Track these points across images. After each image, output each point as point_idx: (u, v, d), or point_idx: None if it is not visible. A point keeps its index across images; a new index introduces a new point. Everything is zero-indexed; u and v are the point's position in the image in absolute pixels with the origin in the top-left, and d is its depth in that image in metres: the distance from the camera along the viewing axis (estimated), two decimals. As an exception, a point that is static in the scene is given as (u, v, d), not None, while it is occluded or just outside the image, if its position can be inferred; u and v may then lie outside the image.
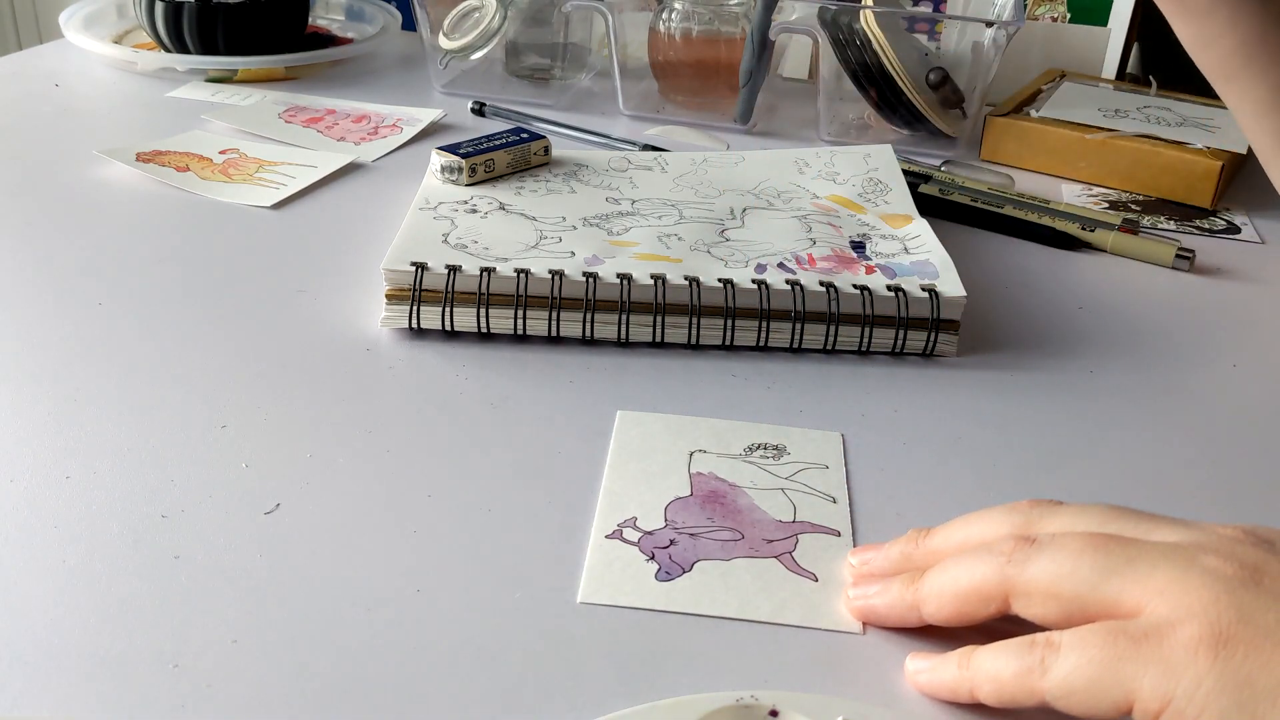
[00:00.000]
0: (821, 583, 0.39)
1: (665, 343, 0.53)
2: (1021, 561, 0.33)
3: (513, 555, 0.40)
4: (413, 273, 0.52)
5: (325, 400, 0.48)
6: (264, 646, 0.35)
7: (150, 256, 0.60)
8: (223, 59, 0.87)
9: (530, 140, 0.66)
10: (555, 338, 0.53)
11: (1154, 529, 0.34)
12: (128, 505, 0.41)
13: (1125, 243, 0.66)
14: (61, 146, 0.74)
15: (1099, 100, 0.82)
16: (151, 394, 0.48)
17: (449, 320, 0.52)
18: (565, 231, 0.58)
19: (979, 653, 0.33)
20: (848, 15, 0.77)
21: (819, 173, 0.67)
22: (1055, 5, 0.89)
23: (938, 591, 0.35)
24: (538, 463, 0.45)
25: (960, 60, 0.82)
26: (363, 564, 0.39)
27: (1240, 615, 0.30)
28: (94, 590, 0.37)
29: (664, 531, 0.41)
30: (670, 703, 0.33)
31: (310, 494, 0.42)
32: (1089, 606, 0.32)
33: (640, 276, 0.53)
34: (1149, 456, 0.47)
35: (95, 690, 0.33)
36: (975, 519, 0.37)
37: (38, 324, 0.53)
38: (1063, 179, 0.77)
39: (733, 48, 0.82)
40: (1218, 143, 0.74)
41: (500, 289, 0.52)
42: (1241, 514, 0.42)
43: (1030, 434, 0.48)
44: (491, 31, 0.86)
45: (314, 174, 0.71)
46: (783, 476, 0.45)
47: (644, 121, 0.83)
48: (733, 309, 0.53)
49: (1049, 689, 0.31)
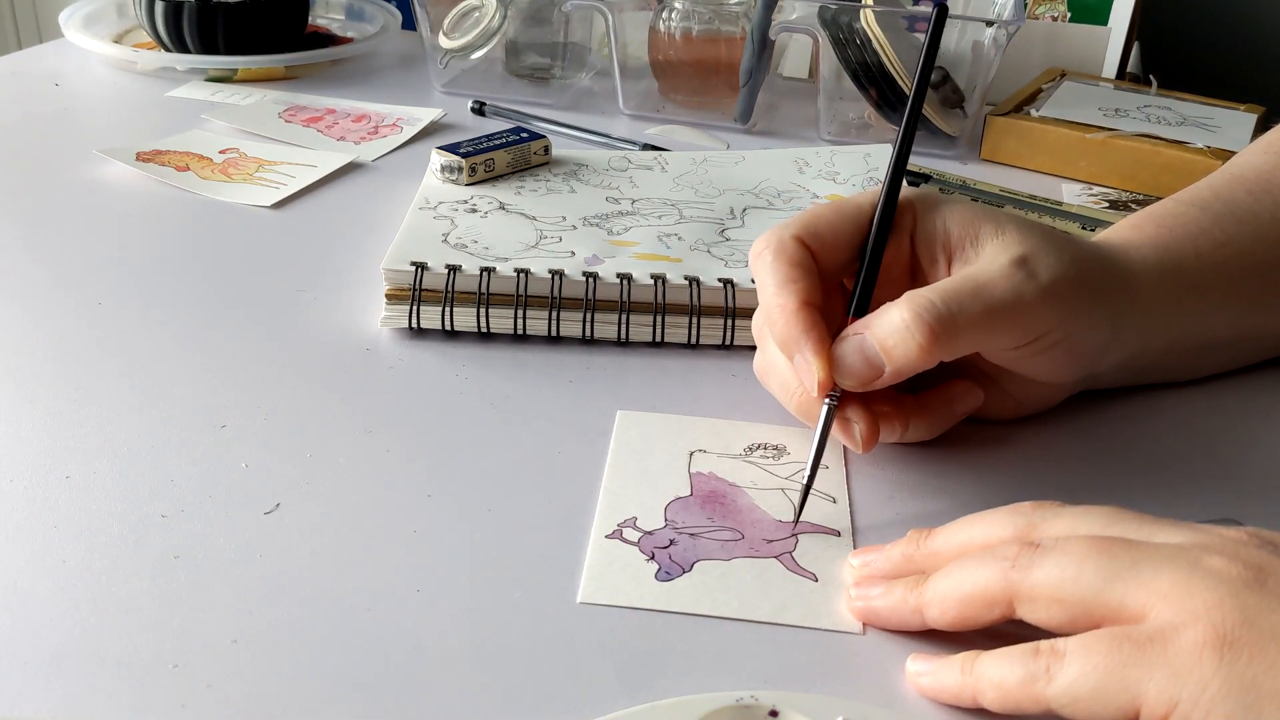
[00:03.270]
0: (821, 583, 0.39)
1: (665, 343, 0.53)
2: (1026, 566, 0.33)
3: (513, 555, 0.40)
4: (412, 272, 0.52)
5: (325, 400, 0.48)
6: (264, 646, 0.35)
7: (150, 256, 0.60)
8: (223, 59, 0.87)
9: (530, 140, 0.66)
10: (555, 338, 0.53)
11: (1157, 531, 0.34)
12: (128, 505, 0.41)
13: (1125, 242, 0.66)
14: (61, 146, 0.74)
15: (1099, 100, 0.82)
16: (151, 394, 0.48)
17: (449, 320, 0.52)
18: (565, 231, 0.58)
19: (982, 659, 0.33)
20: (848, 15, 0.77)
21: (819, 172, 0.67)
22: (1055, 5, 0.89)
23: (941, 596, 0.35)
24: (538, 463, 0.45)
25: (960, 60, 0.82)
26: (363, 564, 0.39)
27: (1245, 618, 0.29)
28: (94, 590, 0.37)
29: (664, 531, 0.41)
30: (670, 703, 0.33)
31: (310, 494, 0.42)
32: (1094, 611, 0.32)
33: (640, 276, 0.53)
34: (1150, 457, 0.47)
35: (95, 690, 0.33)
36: (977, 520, 0.37)
37: (38, 324, 0.53)
38: (1063, 179, 0.76)
39: (733, 47, 0.82)
40: (1218, 142, 0.74)
41: (500, 289, 0.52)
42: (1243, 515, 0.42)
43: (1031, 434, 0.48)
44: (491, 31, 0.86)
45: (314, 173, 0.71)
46: (783, 476, 0.45)
47: (644, 121, 0.83)
48: (733, 309, 0.53)
49: (1054, 696, 0.31)
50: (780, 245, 0.44)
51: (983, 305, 0.42)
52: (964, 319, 0.42)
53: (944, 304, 0.42)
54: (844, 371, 0.42)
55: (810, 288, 0.44)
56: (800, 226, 0.45)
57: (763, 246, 0.45)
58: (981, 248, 0.44)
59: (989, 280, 0.43)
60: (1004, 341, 0.44)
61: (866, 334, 0.42)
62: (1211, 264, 0.49)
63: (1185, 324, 0.49)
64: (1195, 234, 0.49)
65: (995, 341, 0.44)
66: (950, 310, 0.41)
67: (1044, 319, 0.43)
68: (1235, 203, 0.51)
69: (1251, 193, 0.51)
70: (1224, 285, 0.49)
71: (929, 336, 0.41)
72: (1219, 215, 0.50)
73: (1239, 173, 0.53)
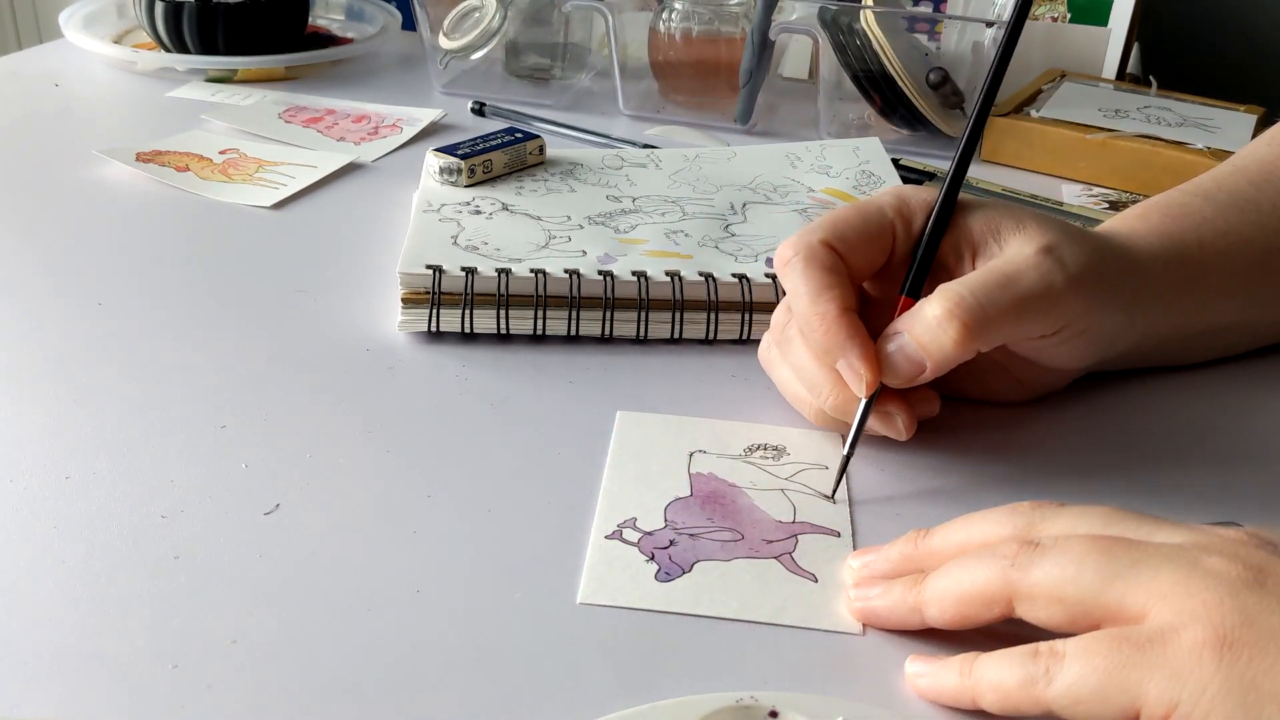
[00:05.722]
0: (821, 583, 0.39)
1: (663, 340, 0.53)
2: (1025, 565, 0.33)
3: (513, 555, 0.40)
4: (429, 276, 0.52)
5: (325, 400, 0.48)
6: (264, 646, 0.35)
7: (150, 256, 0.60)
8: (223, 59, 0.87)
9: (525, 140, 0.66)
10: (555, 337, 0.53)
11: (1157, 531, 0.34)
12: (128, 505, 0.41)
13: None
14: (61, 146, 0.74)
15: (1099, 100, 0.82)
16: (151, 394, 0.48)
17: (468, 323, 0.52)
18: (573, 230, 0.58)
19: (981, 661, 0.33)
20: (848, 15, 0.77)
21: (811, 166, 0.68)
22: (1055, 5, 0.89)
23: (940, 595, 0.35)
24: (537, 463, 0.45)
25: (960, 60, 0.82)
26: (363, 564, 0.39)
27: (1244, 618, 0.29)
28: (94, 590, 0.37)
29: (664, 532, 0.41)
30: (670, 703, 0.33)
31: (310, 494, 0.42)
32: (1093, 611, 0.32)
33: (655, 274, 0.53)
34: (1150, 457, 0.47)
35: (95, 690, 0.33)
36: (976, 520, 0.37)
37: (38, 324, 0.53)
38: (1063, 179, 0.76)
39: (733, 48, 0.82)
40: (1218, 143, 0.74)
41: (517, 290, 0.52)
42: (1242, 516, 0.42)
43: (1031, 435, 0.48)
44: (491, 31, 0.86)
45: (314, 174, 0.71)
46: (782, 477, 0.45)
47: (644, 121, 0.83)
48: (749, 303, 0.53)
49: (1054, 698, 0.31)
50: (810, 251, 0.45)
51: (1013, 295, 0.43)
52: (995, 310, 0.43)
53: (973, 297, 0.42)
54: (891, 372, 0.44)
55: (846, 294, 0.44)
56: (827, 231, 0.45)
57: (791, 253, 0.45)
58: (1005, 242, 0.45)
59: (1017, 271, 0.43)
60: (1033, 330, 0.45)
61: (906, 334, 0.43)
62: (1214, 253, 0.49)
63: (1188, 311, 0.49)
64: (1198, 223, 0.50)
65: (1025, 330, 0.44)
66: (980, 302, 0.42)
67: (1071, 307, 0.44)
68: (1238, 193, 0.52)
69: (1254, 183, 0.52)
70: (1226, 274, 0.50)
71: (962, 330, 0.42)
72: (1222, 205, 0.51)
73: (1243, 164, 0.54)
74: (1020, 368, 0.48)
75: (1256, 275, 0.50)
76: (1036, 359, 0.47)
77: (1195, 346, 0.52)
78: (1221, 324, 0.51)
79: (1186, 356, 0.52)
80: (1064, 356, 0.47)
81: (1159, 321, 0.49)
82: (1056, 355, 0.46)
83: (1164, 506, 0.40)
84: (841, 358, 0.43)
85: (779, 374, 0.48)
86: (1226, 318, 0.51)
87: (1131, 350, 0.49)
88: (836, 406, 0.45)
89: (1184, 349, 0.52)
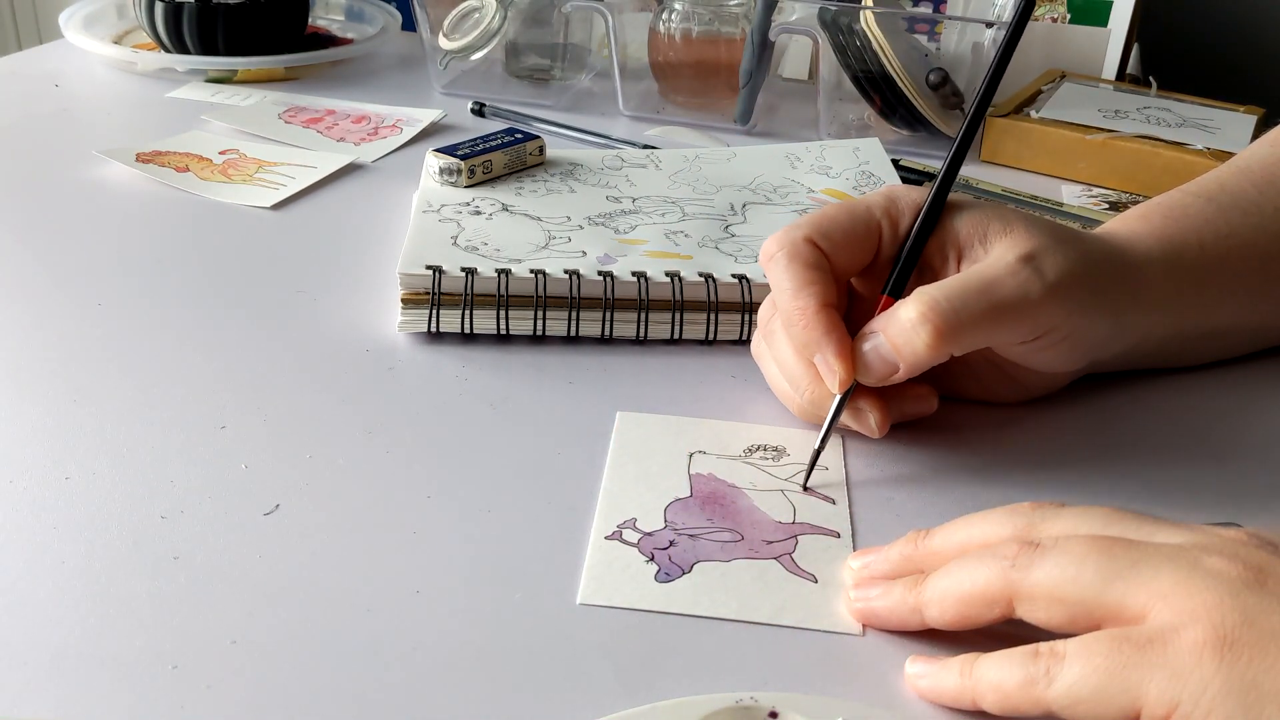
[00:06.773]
0: (821, 584, 0.39)
1: (663, 340, 0.53)
2: (1025, 565, 0.33)
3: (512, 556, 0.40)
4: (429, 276, 0.52)
5: (325, 401, 0.48)
6: (264, 647, 0.35)
7: (150, 256, 0.60)
8: (223, 59, 0.87)
9: (525, 140, 0.66)
10: (555, 338, 0.53)
11: (1157, 531, 0.34)
12: (128, 505, 0.41)
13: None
14: (61, 146, 0.74)
15: (1099, 101, 0.82)
16: (151, 394, 0.48)
17: (468, 323, 0.52)
18: (573, 231, 0.58)
19: (981, 661, 0.33)
20: (848, 16, 0.77)
21: (811, 166, 0.68)
22: (1055, 5, 0.89)
23: (940, 595, 0.35)
24: (537, 463, 0.45)
25: (960, 60, 0.82)
26: (363, 564, 0.39)
27: (1245, 618, 0.29)
28: (94, 590, 0.37)
29: (664, 533, 0.41)
30: (670, 704, 0.33)
31: (310, 495, 0.42)
32: (1094, 611, 0.32)
33: (655, 274, 0.53)
34: (1151, 457, 0.47)
35: (95, 690, 0.33)
36: (976, 520, 0.37)
37: (38, 324, 0.53)
38: (1063, 180, 0.76)
39: (733, 48, 0.82)
40: (1218, 143, 0.74)
41: (517, 290, 0.52)
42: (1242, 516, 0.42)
43: (1031, 435, 0.48)
44: (491, 32, 0.86)
45: (313, 174, 0.71)
46: (782, 478, 0.45)
47: (644, 122, 0.83)
48: (749, 304, 0.53)
49: (1055, 699, 0.31)
50: (794, 247, 0.45)
51: (988, 302, 0.43)
52: (969, 316, 0.43)
53: (948, 302, 0.43)
54: (864, 371, 0.44)
55: (827, 290, 0.45)
56: (812, 228, 0.46)
57: (775, 248, 0.46)
58: (990, 246, 0.45)
59: (995, 277, 0.43)
60: (1010, 337, 0.45)
61: (881, 334, 0.44)
62: (1215, 255, 0.49)
63: (1188, 314, 0.49)
64: (1199, 225, 0.50)
65: (1002, 337, 0.45)
66: (955, 308, 0.43)
67: (1050, 315, 0.44)
68: (1240, 195, 0.52)
69: (1256, 185, 0.52)
70: (1227, 276, 0.50)
71: (934, 334, 0.42)
72: (1224, 207, 0.51)
73: (1245, 165, 0.54)
74: (1014, 369, 0.48)
75: (1258, 278, 0.50)
76: (1022, 362, 0.47)
77: (1196, 349, 0.52)
78: (1222, 327, 0.51)
79: (1187, 358, 0.52)
80: (1050, 361, 0.47)
81: (1157, 324, 0.49)
82: (1041, 359, 0.47)
83: (1164, 506, 0.40)
84: (818, 352, 0.44)
85: (766, 368, 0.49)
86: (1227, 320, 0.51)
87: (1129, 352, 0.49)
88: (814, 400, 0.46)
89: (1184, 351, 0.52)
